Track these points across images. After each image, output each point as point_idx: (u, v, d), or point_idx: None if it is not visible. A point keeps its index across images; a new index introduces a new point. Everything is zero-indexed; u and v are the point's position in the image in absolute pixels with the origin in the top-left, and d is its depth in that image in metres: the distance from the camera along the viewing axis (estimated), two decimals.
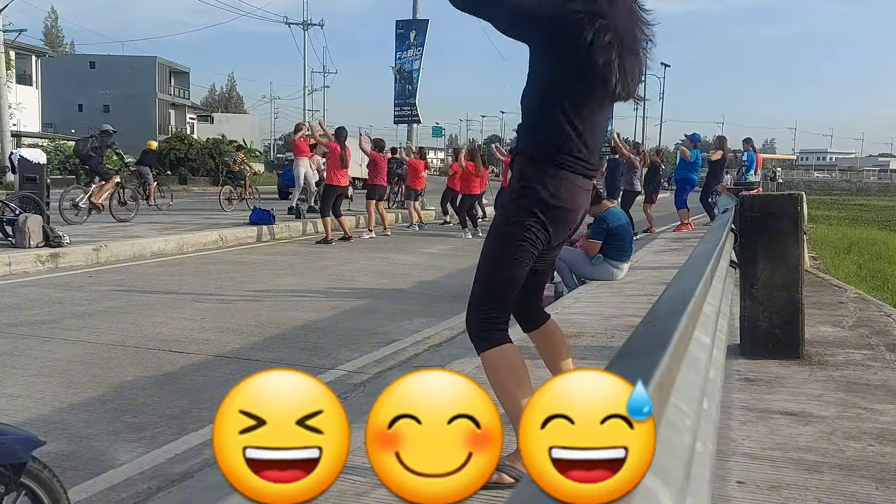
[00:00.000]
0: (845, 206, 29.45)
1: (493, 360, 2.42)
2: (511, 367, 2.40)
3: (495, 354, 2.42)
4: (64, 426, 3.50)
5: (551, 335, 2.78)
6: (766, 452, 2.76)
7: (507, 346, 2.43)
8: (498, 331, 2.44)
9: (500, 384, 2.40)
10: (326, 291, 7.42)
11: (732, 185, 10.82)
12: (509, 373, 2.39)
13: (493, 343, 2.42)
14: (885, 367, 3.95)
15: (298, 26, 43.62)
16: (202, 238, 10.89)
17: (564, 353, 2.78)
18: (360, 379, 4.36)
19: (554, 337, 2.79)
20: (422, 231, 14.40)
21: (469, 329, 2.51)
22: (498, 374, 2.40)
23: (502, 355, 2.41)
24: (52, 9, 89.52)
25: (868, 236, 14.45)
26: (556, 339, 2.79)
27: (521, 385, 2.36)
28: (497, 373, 2.41)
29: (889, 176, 77.15)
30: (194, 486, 2.77)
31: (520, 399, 2.31)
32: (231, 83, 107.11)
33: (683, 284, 1.47)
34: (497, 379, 2.41)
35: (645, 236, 12.50)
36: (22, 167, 9.88)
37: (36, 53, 39.90)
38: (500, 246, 2.47)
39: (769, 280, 4.02)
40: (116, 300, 6.61)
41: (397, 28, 18.89)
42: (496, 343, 2.42)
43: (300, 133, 14.49)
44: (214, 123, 62.89)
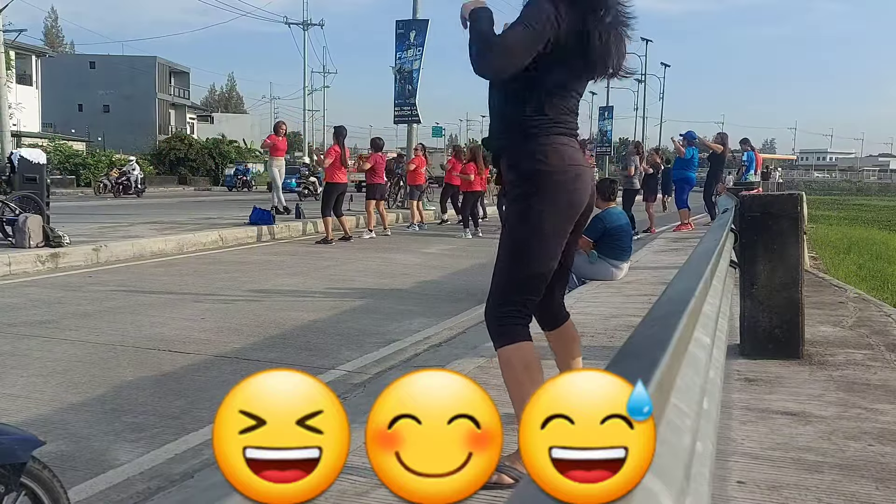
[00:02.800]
0: (845, 206, 29.46)
1: (510, 358, 2.39)
2: (528, 366, 2.36)
3: (512, 351, 2.38)
4: (64, 426, 3.50)
5: (568, 334, 2.75)
6: (766, 452, 2.76)
7: (526, 343, 2.39)
8: (515, 326, 2.40)
9: (514, 382, 2.37)
10: (326, 291, 7.42)
11: (732, 185, 10.82)
12: (525, 372, 2.35)
13: (511, 339, 2.38)
14: (885, 367, 3.95)
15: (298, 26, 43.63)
16: (202, 238, 10.89)
17: (576, 352, 2.76)
18: (360, 379, 4.36)
19: (570, 335, 2.76)
20: (422, 231, 14.39)
21: (487, 323, 2.48)
22: (514, 371, 2.37)
23: (520, 353, 2.37)
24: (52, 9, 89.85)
25: (868, 236, 14.46)
26: (571, 337, 2.76)
27: (536, 385, 2.33)
28: (513, 371, 2.38)
29: (889, 176, 77.18)
30: (194, 486, 2.77)
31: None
32: (231, 83, 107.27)
33: (683, 284, 1.47)
34: (512, 376, 2.38)
35: (645, 236, 12.51)
36: (22, 167, 9.88)
37: (36, 53, 39.93)
38: (515, 237, 2.44)
39: (769, 280, 4.02)
40: (116, 300, 6.61)
41: (397, 28, 18.87)
42: (514, 339, 2.38)
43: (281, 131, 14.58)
44: (214, 123, 62.96)
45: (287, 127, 15.14)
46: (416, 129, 19.27)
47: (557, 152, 2.40)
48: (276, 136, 14.73)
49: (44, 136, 34.42)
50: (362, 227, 13.53)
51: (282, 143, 14.70)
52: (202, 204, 19.51)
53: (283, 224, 12.84)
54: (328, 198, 11.71)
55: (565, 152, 2.42)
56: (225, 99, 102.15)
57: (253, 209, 12.71)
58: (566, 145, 2.43)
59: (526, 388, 2.32)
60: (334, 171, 11.65)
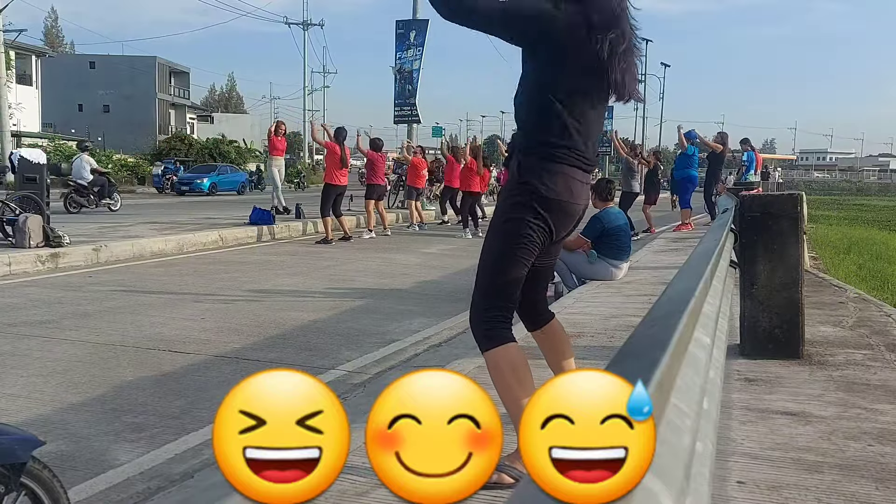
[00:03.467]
0: (845, 206, 29.46)
1: (497, 360, 2.41)
2: (514, 367, 2.38)
3: (499, 354, 2.40)
4: (64, 426, 3.50)
5: (555, 334, 2.77)
6: (766, 452, 2.76)
7: (511, 345, 2.41)
8: (501, 329, 2.43)
9: (503, 384, 2.39)
10: (326, 291, 7.42)
11: (732, 185, 10.82)
12: (512, 373, 2.38)
13: (497, 342, 2.41)
14: (885, 367, 3.95)
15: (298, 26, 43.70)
16: (202, 238, 10.89)
17: (567, 353, 2.77)
18: (360, 379, 4.36)
19: (558, 336, 2.78)
20: (422, 231, 14.39)
21: (473, 328, 2.50)
22: (501, 374, 2.39)
23: (506, 355, 2.40)
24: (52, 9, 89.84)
25: (868, 236, 14.46)
26: (559, 338, 2.78)
27: (524, 385, 2.35)
28: (500, 373, 2.39)
29: (889, 176, 77.17)
30: (194, 486, 2.77)
31: (522, 399, 2.30)
32: (231, 83, 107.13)
33: (683, 284, 1.47)
34: (500, 379, 2.39)
35: (645, 236, 12.51)
36: (22, 167, 9.89)
37: (36, 53, 39.92)
38: (500, 243, 2.46)
39: (769, 280, 4.02)
40: (116, 300, 6.61)
41: (397, 28, 18.89)
42: (500, 342, 2.41)
43: (281, 131, 14.59)
44: (214, 123, 62.91)
45: (287, 127, 15.16)
46: (417, 129, 19.27)
47: (566, 184, 2.43)
48: (275, 135, 14.73)
49: (44, 136, 34.41)
50: (362, 227, 13.53)
51: (281, 142, 14.70)
52: (202, 204, 19.51)
53: (283, 224, 12.84)
54: (327, 198, 11.72)
55: (574, 187, 2.45)
56: (225, 99, 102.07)
57: (253, 209, 12.71)
58: (576, 179, 2.45)
59: (515, 390, 2.35)
60: (333, 173, 11.65)
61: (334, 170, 11.63)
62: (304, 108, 45.18)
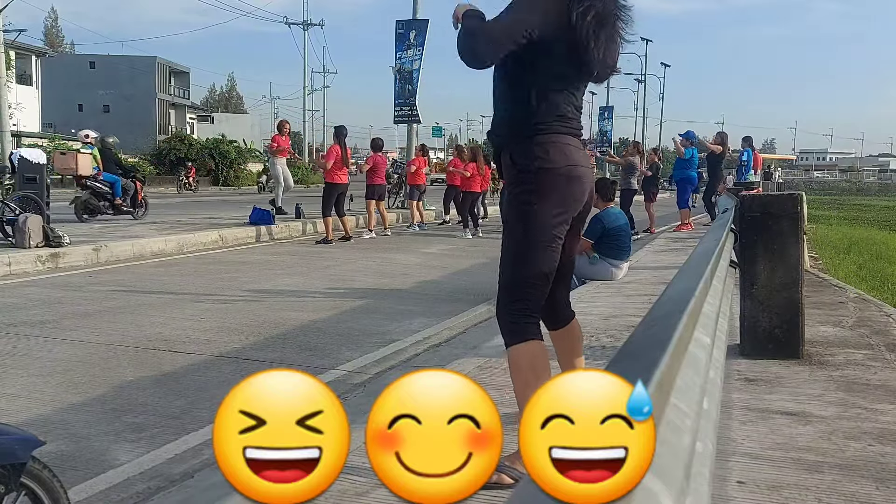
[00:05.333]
0: (845, 206, 29.47)
1: (517, 357, 2.39)
2: (536, 365, 2.36)
3: (520, 350, 2.38)
4: (64, 426, 3.50)
5: (573, 333, 2.76)
6: (766, 452, 2.76)
7: (536, 343, 2.39)
8: (525, 324, 2.40)
9: (521, 381, 2.37)
10: (326, 291, 7.42)
11: (733, 185, 10.82)
12: (532, 372, 2.35)
13: (522, 338, 2.39)
14: (885, 367, 3.95)
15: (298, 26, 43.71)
16: (202, 238, 10.88)
17: (579, 351, 2.77)
18: (360, 379, 4.36)
19: (575, 335, 2.76)
20: (422, 231, 14.39)
21: (499, 322, 2.48)
22: (521, 371, 2.38)
23: (529, 352, 2.38)
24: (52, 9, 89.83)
25: (868, 236, 14.45)
26: (576, 336, 2.77)
27: (541, 384, 2.34)
28: (520, 370, 2.38)
29: (889, 176, 77.20)
30: (194, 486, 2.77)
31: None
32: (231, 83, 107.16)
33: (683, 284, 1.47)
34: (519, 376, 2.38)
35: (645, 236, 12.51)
36: (22, 167, 9.88)
37: (36, 53, 39.92)
38: (519, 234, 2.44)
39: (769, 280, 4.02)
40: (116, 300, 6.61)
41: (397, 28, 18.85)
42: (525, 338, 2.38)
43: (285, 130, 14.58)
44: (214, 123, 62.89)
45: (290, 126, 15.13)
46: (417, 129, 19.26)
47: (560, 150, 2.41)
48: (279, 135, 14.73)
49: (44, 136, 34.37)
50: (362, 227, 13.53)
51: (285, 142, 14.69)
52: (202, 204, 19.51)
53: (282, 224, 12.83)
54: (328, 198, 11.70)
55: (568, 151, 2.43)
56: (225, 99, 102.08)
57: (253, 209, 12.70)
58: (569, 144, 2.44)
59: (531, 388, 2.32)
60: (335, 172, 11.64)
61: (336, 169, 11.62)
62: (304, 108, 45.20)
